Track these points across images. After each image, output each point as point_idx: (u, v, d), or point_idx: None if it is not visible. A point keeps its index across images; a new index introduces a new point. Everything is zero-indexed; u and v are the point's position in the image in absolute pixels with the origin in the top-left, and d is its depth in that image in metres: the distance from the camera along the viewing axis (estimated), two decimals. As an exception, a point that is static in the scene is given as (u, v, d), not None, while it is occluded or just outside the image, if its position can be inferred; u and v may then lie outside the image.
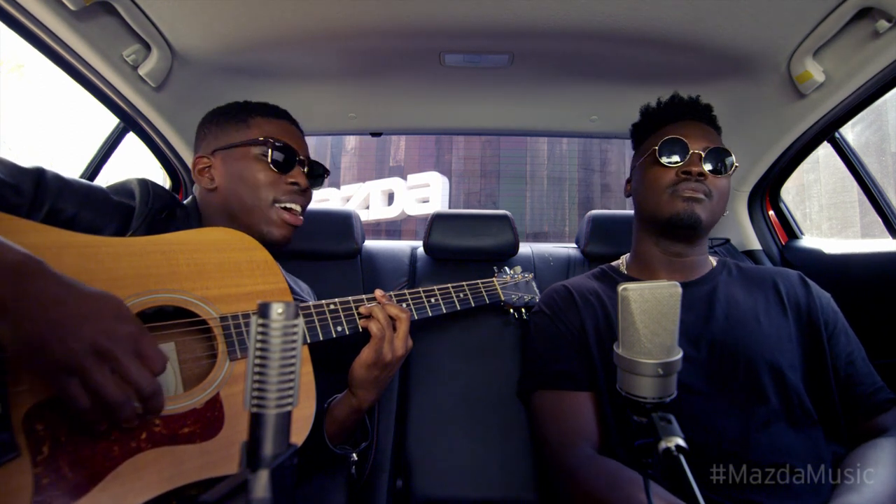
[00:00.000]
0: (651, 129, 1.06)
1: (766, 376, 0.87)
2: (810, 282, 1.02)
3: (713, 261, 1.08)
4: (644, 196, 1.03)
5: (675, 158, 0.98)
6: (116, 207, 0.81)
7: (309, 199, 1.01)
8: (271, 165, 0.92)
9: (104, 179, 1.29)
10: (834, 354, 0.92)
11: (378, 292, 0.95)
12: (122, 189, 0.86)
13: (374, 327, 0.88)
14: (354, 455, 0.95)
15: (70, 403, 0.53)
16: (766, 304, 0.97)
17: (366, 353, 0.88)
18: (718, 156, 0.98)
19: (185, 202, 0.96)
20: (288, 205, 0.94)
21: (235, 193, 0.92)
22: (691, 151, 0.97)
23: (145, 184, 0.87)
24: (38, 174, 0.74)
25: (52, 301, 0.53)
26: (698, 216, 0.95)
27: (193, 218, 0.94)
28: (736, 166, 1.00)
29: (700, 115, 1.04)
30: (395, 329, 0.91)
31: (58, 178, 0.76)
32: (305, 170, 0.98)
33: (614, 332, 0.61)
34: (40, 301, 0.52)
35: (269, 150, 0.92)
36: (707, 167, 0.96)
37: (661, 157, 0.98)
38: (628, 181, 1.13)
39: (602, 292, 1.04)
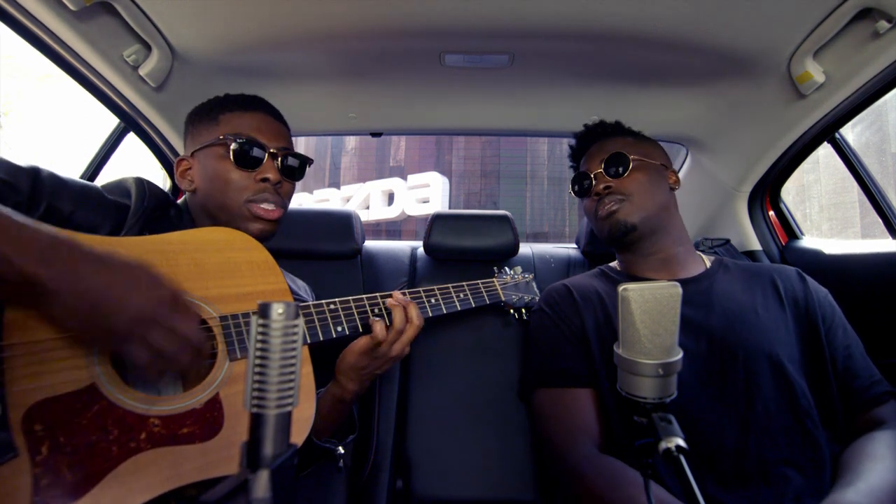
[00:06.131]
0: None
1: (766, 369, 0.87)
2: (808, 277, 1.02)
3: (707, 261, 1.08)
4: (592, 226, 1.15)
5: (586, 187, 1.09)
6: (112, 206, 0.81)
7: (287, 193, 0.97)
8: (233, 162, 0.90)
9: (104, 180, 1.28)
10: (832, 348, 0.92)
11: (397, 294, 0.93)
12: (117, 188, 0.85)
13: (396, 317, 0.88)
14: (340, 448, 0.93)
15: (136, 362, 0.60)
16: (763, 299, 0.97)
17: (363, 340, 0.87)
18: (615, 161, 1.06)
19: (178, 202, 0.96)
20: (261, 204, 0.91)
21: (210, 194, 0.92)
22: (592, 174, 1.08)
23: (141, 182, 0.87)
24: (34, 172, 0.74)
25: (91, 276, 0.57)
26: (624, 222, 1.02)
27: (186, 218, 0.94)
28: (634, 158, 1.05)
29: (598, 135, 1.14)
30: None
31: (53, 177, 0.76)
32: (279, 162, 0.93)
33: (615, 331, 0.61)
34: (81, 279, 0.56)
35: (230, 148, 0.90)
36: (609, 178, 1.05)
37: (575, 193, 1.13)
38: None
39: (602, 291, 1.05)
